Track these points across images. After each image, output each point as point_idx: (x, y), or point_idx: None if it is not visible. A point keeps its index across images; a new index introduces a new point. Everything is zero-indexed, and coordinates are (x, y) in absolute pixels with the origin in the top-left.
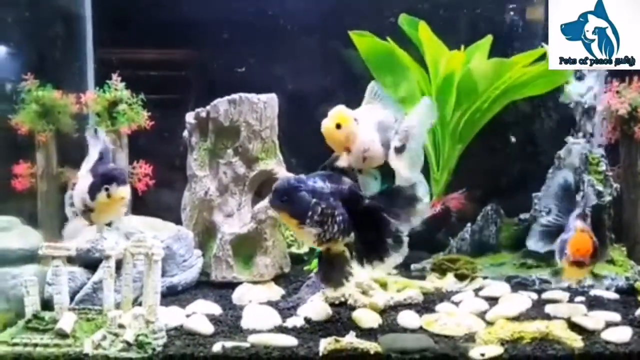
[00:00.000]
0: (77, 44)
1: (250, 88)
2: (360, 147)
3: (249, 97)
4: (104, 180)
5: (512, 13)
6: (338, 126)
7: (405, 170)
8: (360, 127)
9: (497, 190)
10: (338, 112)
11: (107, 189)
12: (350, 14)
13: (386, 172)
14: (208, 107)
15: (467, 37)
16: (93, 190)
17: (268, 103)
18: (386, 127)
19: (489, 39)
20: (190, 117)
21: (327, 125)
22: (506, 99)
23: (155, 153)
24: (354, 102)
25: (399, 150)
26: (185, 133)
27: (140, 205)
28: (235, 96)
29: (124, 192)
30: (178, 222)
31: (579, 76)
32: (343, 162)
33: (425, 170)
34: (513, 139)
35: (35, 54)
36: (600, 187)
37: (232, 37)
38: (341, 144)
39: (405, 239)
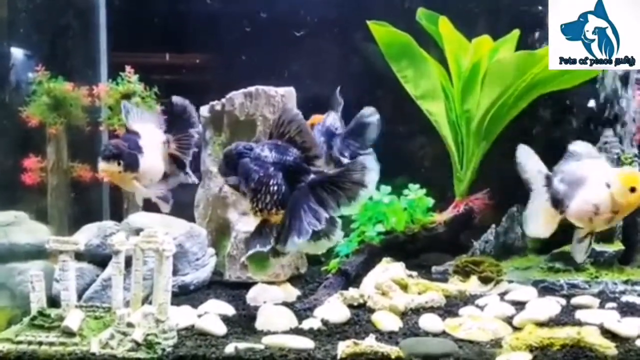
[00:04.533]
0: (89, 35)
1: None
2: None
3: (266, 89)
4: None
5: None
6: None
7: None
8: None
9: (523, 190)
10: None
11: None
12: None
13: None
14: (223, 100)
15: (492, 34)
16: None
17: (286, 96)
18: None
19: (515, 33)
20: (204, 110)
21: None
22: (533, 93)
23: None
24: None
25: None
26: (199, 127)
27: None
28: (251, 89)
29: (101, 167)
30: (191, 220)
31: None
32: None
33: (448, 169)
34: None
35: (46, 45)
36: None
37: (253, 30)
38: None
39: (339, 223)
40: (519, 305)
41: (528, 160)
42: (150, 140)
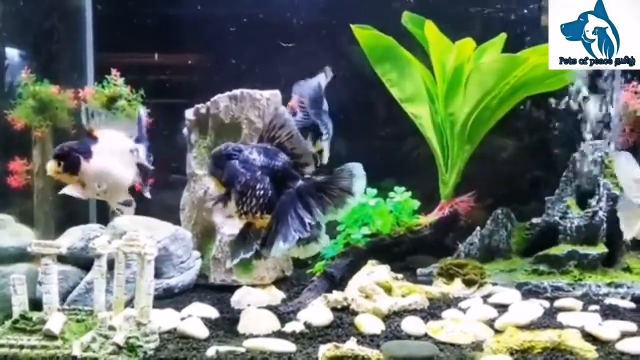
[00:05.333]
0: (75, 37)
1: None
2: None
3: (251, 92)
4: None
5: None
6: None
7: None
8: None
9: (507, 193)
10: None
11: None
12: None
13: None
14: (208, 103)
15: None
16: None
17: (271, 99)
18: None
19: (502, 37)
20: (189, 113)
21: None
22: (517, 97)
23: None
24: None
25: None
26: (185, 130)
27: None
28: (236, 92)
29: (47, 164)
30: (177, 223)
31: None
32: None
33: (434, 172)
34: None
35: (31, 47)
36: (616, 191)
37: (239, 30)
38: None
39: (323, 227)
40: (502, 307)
41: (627, 166)
42: (109, 147)
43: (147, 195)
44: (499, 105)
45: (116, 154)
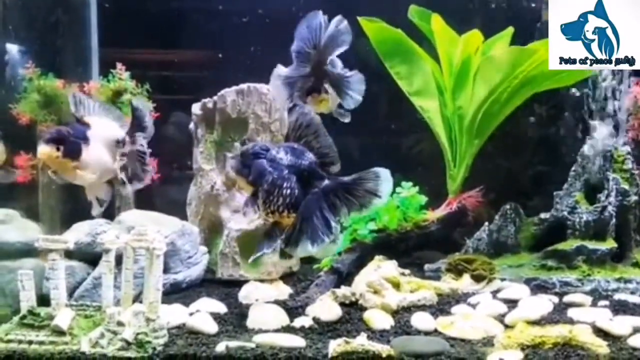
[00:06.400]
0: (80, 31)
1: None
2: None
3: (258, 87)
4: None
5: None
6: None
7: None
8: None
9: (516, 188)
10: None
11: None
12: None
13: None
14: (215, 98)
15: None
16: None
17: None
18: None
19: (510, 30)
20: (196, 108)
21: None
22: (527, 90)
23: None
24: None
25: None
26: (191, 125)
27: (145, 200)
28: (243, 86)
29: (39, 150)
30: (184, 218)
31: None
32: None
33: (441, 166)
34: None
35: (36, 41)
36: (625, 186)
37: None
38: None
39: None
40: (512, 303)
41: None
42: (101, 134)
43: (141, 185)
44: (508, 99)
45: (106, 143)
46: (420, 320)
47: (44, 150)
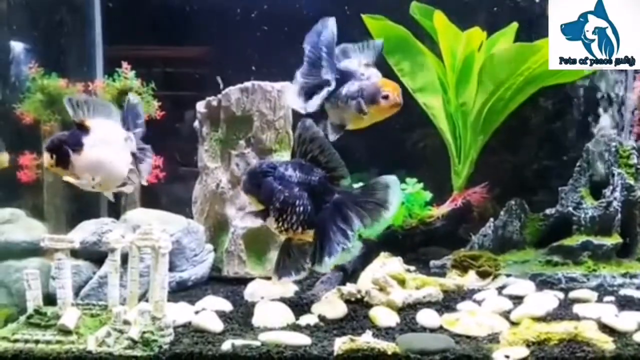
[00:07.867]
0: (84, 30)
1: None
2: None
3: (262, 85)
4: None
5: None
6: None
7: None
8: None
9: (521, 184)
10: None
11: None
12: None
13: None
14: (219, 96)
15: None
16: None
17: (282, 92)
18: None
19: (514, 26)
20: (200, 106)
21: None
22: (532, 87)
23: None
24: None
25: None
26: (196, 123)
27: (151, 198)
28: (247, 84)
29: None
30: (189, 216)
31: None
32: None
33: (446, 162)
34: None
35: (40, 41)
36: (630, 181)
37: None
38: None
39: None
40: (517, 299)
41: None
42: (102, 137)
43: (144, 182)
44: (513, 95)
45: (110, 145)
46: (426, 317)
47: (45, 157)
